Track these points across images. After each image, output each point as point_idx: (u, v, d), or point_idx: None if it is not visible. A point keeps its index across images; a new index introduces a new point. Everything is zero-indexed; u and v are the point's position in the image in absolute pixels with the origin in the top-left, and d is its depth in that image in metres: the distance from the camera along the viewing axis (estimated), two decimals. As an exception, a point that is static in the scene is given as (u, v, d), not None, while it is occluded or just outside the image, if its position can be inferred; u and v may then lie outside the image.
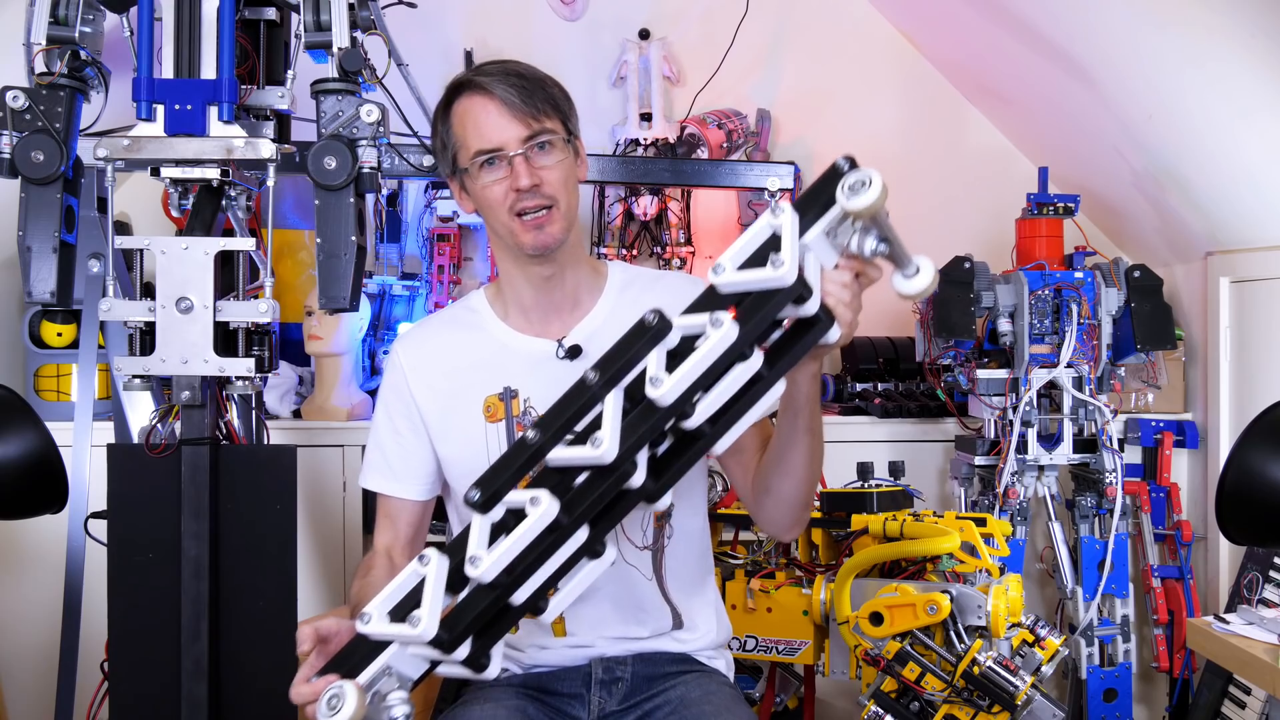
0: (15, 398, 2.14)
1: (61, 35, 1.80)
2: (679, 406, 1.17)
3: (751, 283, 1.18)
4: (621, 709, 1.59)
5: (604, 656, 1.60)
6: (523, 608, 1.20)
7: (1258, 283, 2.63)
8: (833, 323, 1.22)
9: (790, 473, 1.49)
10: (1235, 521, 1.92)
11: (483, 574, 1.15)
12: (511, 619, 1.21)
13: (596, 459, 1.16)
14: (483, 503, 1.19)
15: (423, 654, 1.21)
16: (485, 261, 3.08)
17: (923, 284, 1.22)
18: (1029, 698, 1.75)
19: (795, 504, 1.54)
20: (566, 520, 1.18)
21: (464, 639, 1.19)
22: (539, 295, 1.60)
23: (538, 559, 1.18)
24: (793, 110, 3.30)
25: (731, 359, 1.18)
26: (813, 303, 1.20)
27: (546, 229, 1.53)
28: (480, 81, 1.52)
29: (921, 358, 2.78)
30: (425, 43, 3.00)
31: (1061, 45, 2.66)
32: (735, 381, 1.19)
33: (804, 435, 1.45)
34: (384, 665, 1.21)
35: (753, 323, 1.18)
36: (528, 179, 1.50)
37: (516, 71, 1.54)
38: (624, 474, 1.18)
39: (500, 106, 1.50)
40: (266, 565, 1.84)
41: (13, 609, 2.77)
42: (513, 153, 1.51)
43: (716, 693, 1.58)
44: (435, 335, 1.66)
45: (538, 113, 1.51)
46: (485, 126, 1.51)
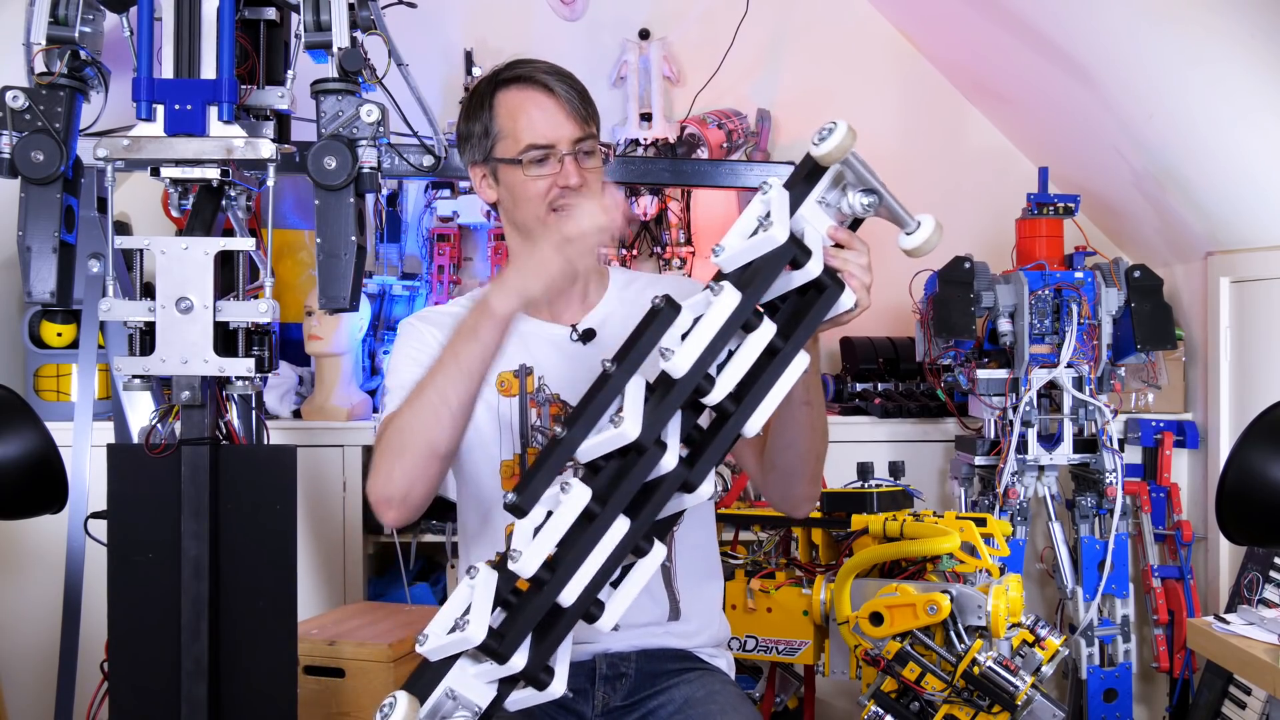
0: (15, 398, 2.14)
1: (61, 35, 1.80)
2: (694, 378, 1.17)
3: (747, 250, 1.21)
4: (625, 705, 1.60)
5: (608, 652, 1.60)
6: (575, 610, 1.17)
7: (1258, 283, 2.63)
8: (842, 288, 1.25)
9: (791, 445, 1.51)
10: (1235, 521, 1.92)
11: (523, 567, 1.14)
12: (565, 625, 1.18)
13: (621, 438, 1.16)
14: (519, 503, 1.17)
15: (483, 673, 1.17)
16: (485, 261, 3.09)
17: (923, 237, 1.24)
18: (1029, 698, 1.75)
19: (800, 477, 1.56)
20: (600, 509, 1.16)
21: (516, 644, 1.16)
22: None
23: (579, 551, 1.16)
24: (793, 110, 3.30)
25: (738, 325, 1.19)
26: (814, 264, 1.22)
27: None
28: (540, 78, 1.55)
29: (921, 358, 2.78)
30: (425, 43, 3.00)
31: (1061, 45, 2.66)
32: (750, 352, 1.20)
33: (801, 408, 1.47)
34: (446, 689, 1.17)
35: (753, 285, 1.20)
36: (577, 178, 1.54)
37: (566, 73, 1.58)
38: (653, 456, 1.18)
39: (560, 105, 1.54)
40: (266, 565, 1.84)
41: (13, 609, 2.77)
42: (565, 152, 1.54)
43: (721, 692, 1.58)
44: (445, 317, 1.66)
45: (588, 117, 1.57)
46: (541, 123, 1.54)
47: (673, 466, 1.19)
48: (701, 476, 1.20)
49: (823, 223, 1.25)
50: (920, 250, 1.26)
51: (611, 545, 1.17)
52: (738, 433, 1.21)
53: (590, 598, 1.17)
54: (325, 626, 2.28)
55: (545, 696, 1.19)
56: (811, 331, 1.25)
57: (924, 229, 1.25)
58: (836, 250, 1.26)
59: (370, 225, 2.93)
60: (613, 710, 1.60)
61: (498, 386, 1.59)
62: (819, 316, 1.25)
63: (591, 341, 1.62)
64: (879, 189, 1.24)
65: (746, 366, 1.20)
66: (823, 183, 1.25)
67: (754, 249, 1.21)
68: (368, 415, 2.85)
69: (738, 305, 1.19)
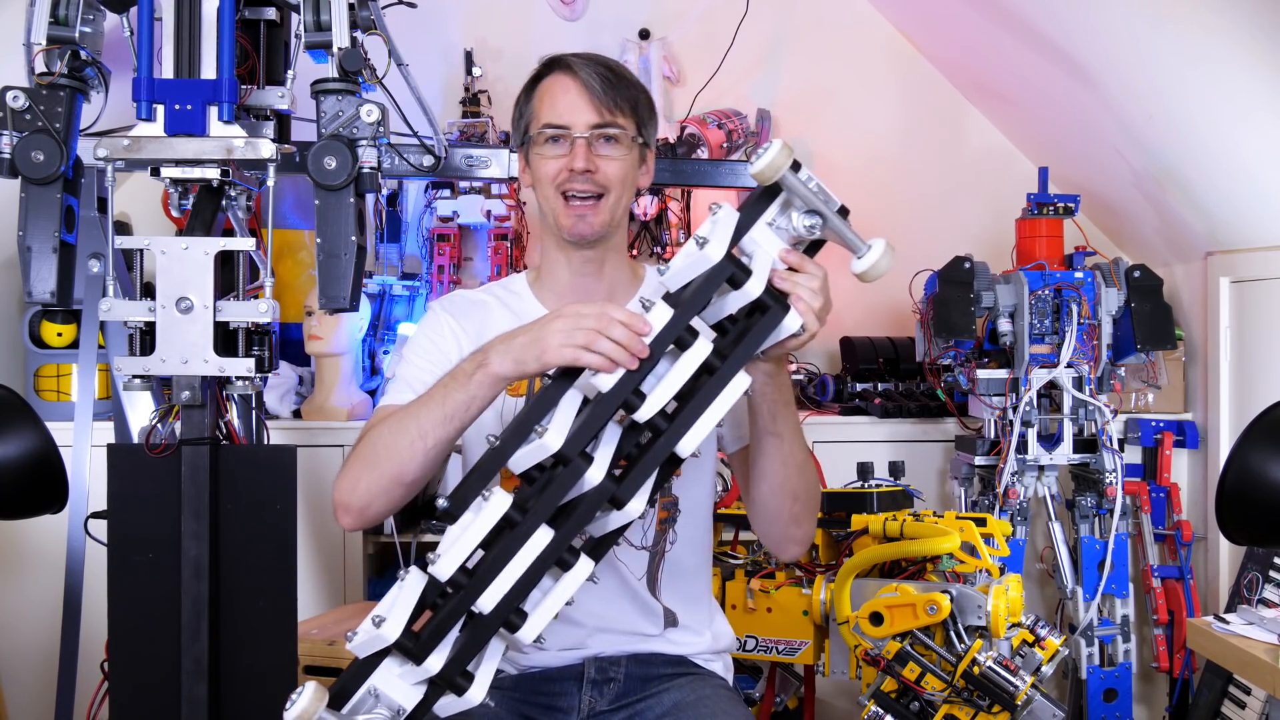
0: (15, 398, 2.14)
1: (61, 35, 1.80)
2: (620, 392, 1.19)
3: (687, 269, 1.22)
4: (611, 709, 1.59)
5: (598, 656, 1.59)
6: (493, 617, 1.18)
7: (1258, 283, 2.63)
8: (786, 310, 1.24)
9: (765, 478, 1.49)
10: (1235, 521, 1.92)
11: (439, 569, 1.16)
12: (483, 631, 1.19)
13: (543, 449, 1.18)
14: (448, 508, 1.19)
15: (406, 674, 1.19)
16: (485, 261, 3.08)
17: (871, 260, 1.23)
18: (1029, 698, 1.75)
19: (779, 516, 1.53)
20: (520, 516, 1.18)
21: (431, 645, 1.17)
22: (576, 281, 1.62)
23: (497, 558, 1.17)
24: (793, 110, 3.30)
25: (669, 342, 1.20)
26: (753, 284, 1.22)
27: (589, 219, 1.55)
28: (570, 62, 1.57)
29: (921, 358, 2.78)
30: (425, 43, 3.00)
31: (1061, 45, 2.66)
32: (683, 369, 1.20)
33: (769, 438, 1.45)
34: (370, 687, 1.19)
35: (686, 302, 1.21)
36: (584, 162, 1.53)
37: (609, 64, 1.58)
38: (576, 468, 1.19)
39: (580, 89, 1.55)
40: (266, 565, 1.84)
41: (13, 609, 2.77)
42: (578, 135, 1.54)
43: (711, 696, 1.57)
44: (474, 305, 1.67)
45: (614, 106, 1.55)
46: (560, 104, 1.55)
47: (598, 480, 1.19)
48: (629, 493, 1.20)
49: (774, 245, 1.25)
50: (869, 275, 1.24)
51: (532, 555, 1.18)
52: (670, 450, 1.21)
53: (509, 606, 1.18)
54: (325, 626, 2.28)
55: (463, 703, 1.21)
56: (751, 352, 1.24)
57: (873, 252, 1.23)
58: (788, 273, 1.25)
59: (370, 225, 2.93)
60: (598, 714, 1.58)
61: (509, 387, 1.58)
62: (759, 337, 1.24)
63: None
64: (821, 210, 1.23)
65: (678, 383, 1.20)
66: (773, 206, 1.25)
67: (693, 268, 1.22)
68: (368, 415, 2.83)
69: (668, 321, 1.19)
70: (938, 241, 2.80)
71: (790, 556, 1.62)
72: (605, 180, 1.55)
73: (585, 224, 1.55)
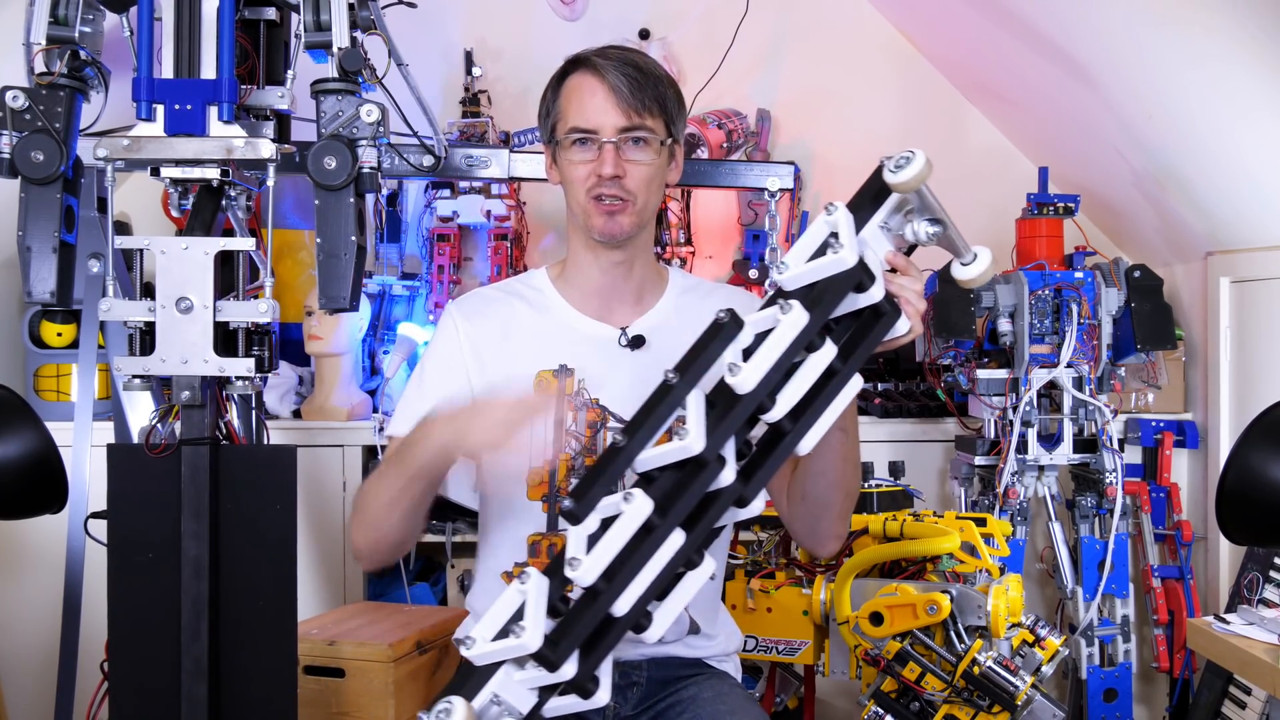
0: (15, 398, 2.14)
1: (61, 35, 1.80)
2: (759, 395, 1.17)
3: (815, 271, 1.21)
4: (636, 713, 1.60)
5: (619, 660, 1.58)
6: (626, 620, 1.16)
7: (1258, 283, 2.63)
8: (899, 313, 1.26)
9: (823, 473, 1.49)
10: (1235, 521, 1.92)
11: (582, 576, 1.12)
12: (615, 634, 1.17)
13: (684, 451, 1.15)
14: (575, 510, 1.15)
15: (529, 679, 1.16)
16: (485, 261, 3.08)
17: (979, 269, 1.26)
18: (1029, 698, 1.75)
19: (829, 510, 1.53)
20: (660, 520, 1.15)
21: (569, 652, 1.14)
22: (605, 281, 1.61)
23: (636, 563, 1.15)
24: (793, 110, 3.30)
25: (803, 345, 1.19)
26: (876, 289, 1.23)
27: (618, 218, 1.54)
28: (597, 62, 1.54)
29: (921, 358, 2.78)
30: (425, 43, 3.00)
31: (1061, 45, 2.66)
32: (812, 371, 1.20)
33: (836, 433, 1.43)
34: (492, 694, 1.16)
35: (820, 307, 1.20)
36: (612, 168, 1.52)
37: (635, 63, 1.55)
38: (713, 470, 1.17)
39: (608, 92, 1.52)
40: (266, 565, 1.84)
41: (13, 609, 2.77)
42: (605, 139, 1.52)
43: (729, 693, 1.58)
44: (493, 303, 1.66)
45: (642, 108, 1.53)
46: (588, 107, 1.53)
47: (730, 481, 1.18)
48: (755, 492, 1.20)
49: (882, 247, 1.27)
50: (975, 282, 1.27)
51: (667, 557, 1.16)
52: (792, 450, 1.20)
53: (642, 609, 1.16)
54: (325, 626, 2.28)
55: (589, 704, 1.17)
56: (869, 354, 1.26)
57: (980, 261, 1.26)
58: (893, 275, 1.27)
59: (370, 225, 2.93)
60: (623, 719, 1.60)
61: (535, 385, 1.56)
62: (877, 340, 1.26)
63: (641, 348, 1.58)
64: (945, 219, 1.25)
65: (807, 385, 1.20)
66: (886, 207, 1.27)
67: (820, 270, 1.21)
68: (368, 415, 2.85)
69: (805, 325, 1.19)
70: (938, 241, 2.80)
71: (829, 552, 1.61)
72: (634, 186, 1.54)
73: (615, 224, 1.54)
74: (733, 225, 3.24)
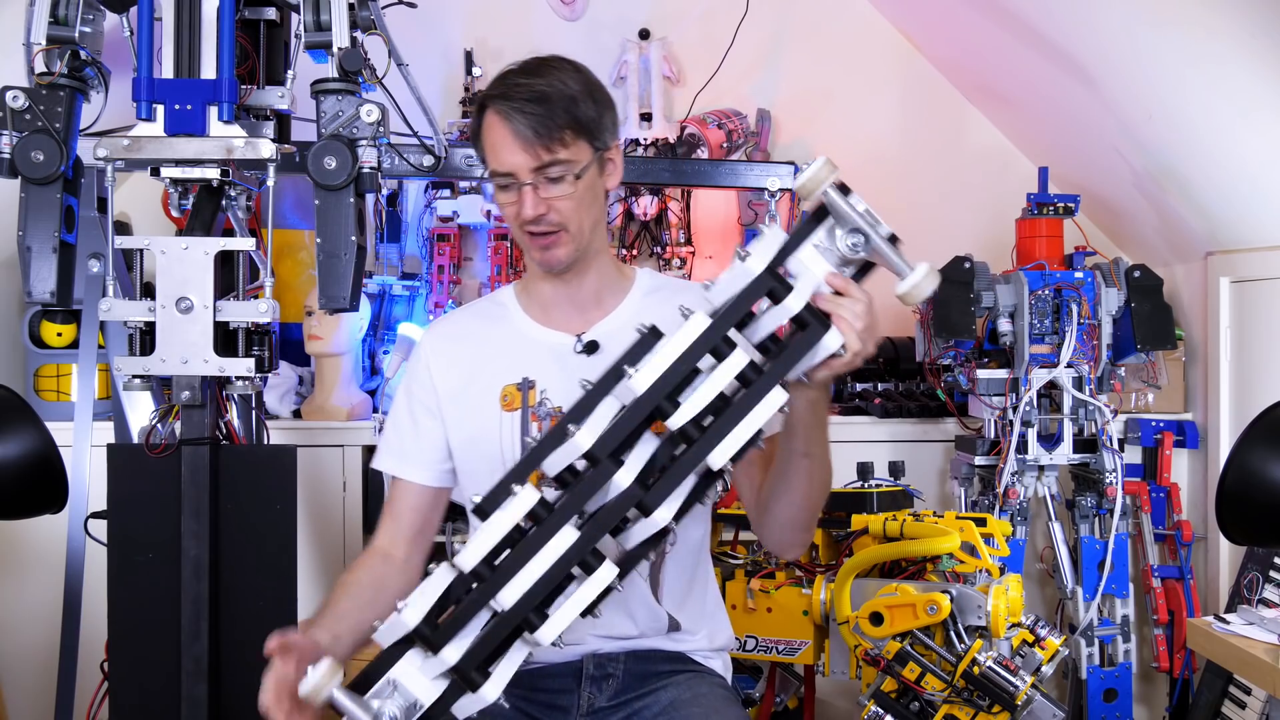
0: (15, 398, 2.14)
1: (61, 35, 1.80)
2: (653, 397, 1.20)
3: (730, 283, 1.24)
4: (610, 705, 1.59)
5: (597, 653, 1.59)
6: (512, 613, 1.19)
7: (1258, 283, 2.63)
8: (826, 328, 1.23)
9: (786, 494, 1.49)
10: (1235, 521, 1.92)
11: (462, 559, 1.18)
12: (500, 626, 1.20)
13: (575, 448, 1.20)
14: (481, 505, 1.22)
15: (426, 668, 1.20)
16: (485, 261, 3.08)
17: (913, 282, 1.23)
18: (1029, 698, 1.75)
19: (793, 526, 1.54)
20: (546, 513, 1.20)
21: (448, 635, 1.19)
22: (559, 293, 1.62)
23: (520, 554, 1.19)
24: (793, 110, 3.30)
25: (705, 350, 1.21)
26: (793, 300, 1.23)
27: (553, 250, 1.53)
28: (499, 106, 1.50)
29: (921, 358, 2.78)
30: (425, 43, 3.00)
31: (1061, 45, 2.66)
32: (717, 380, 1.21)
33: (800, 459, 1.44)
34: (390, 678, 1.21)
35: (724, 312, 1.22)
36: (531, 209, 1.50)
37: (540, 94, 1.49)
38: (605, 470, 1.20)
39: (514, 135, 1.48)
40: (266, 565, 1.84)
41: (13, 609, 2.77)
42: (523, 181, 1.50)
43: (708, 694, 1.57)
44: (462, 325, 1.68)
45: (552, 142, 1.48)
46: (501, 150, 1.50)
47: (626, 484, 1.21)
48: (658, 499, 1.21)
49: (821, 268, 1.26)
50: (911, 296, 1.23)
51: (556, 553, 1.19)
52: (700, 460, 1.20)
53: (529, 603, 1.20)
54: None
55: (479, 701, 1.22)
56: (789, 366, 1.24)
57: (915, 274, 1.23)
58: (832, 296, 1.25)
59: (370, 225, 2.93)
60: (598, 711, 1.59)
61: (501, 401, 1.57)
62: (798, 353, 1.24)
63: (595, 354, 1.58)
64: (863, 229, 1.24)
65: (712, 393, 1.21)
66: (820, 229, 1.26)
67: (735, 282, 1.23)
68: (367, 415, 2.85)
69: (705, 330, 1.20)
70: (938, 241, 2.80)
71: (793, 556, 1.65)
72: (560, 218, 1.52)
73: (553, 256, 1.54)
74: (733, 225, 3.24)
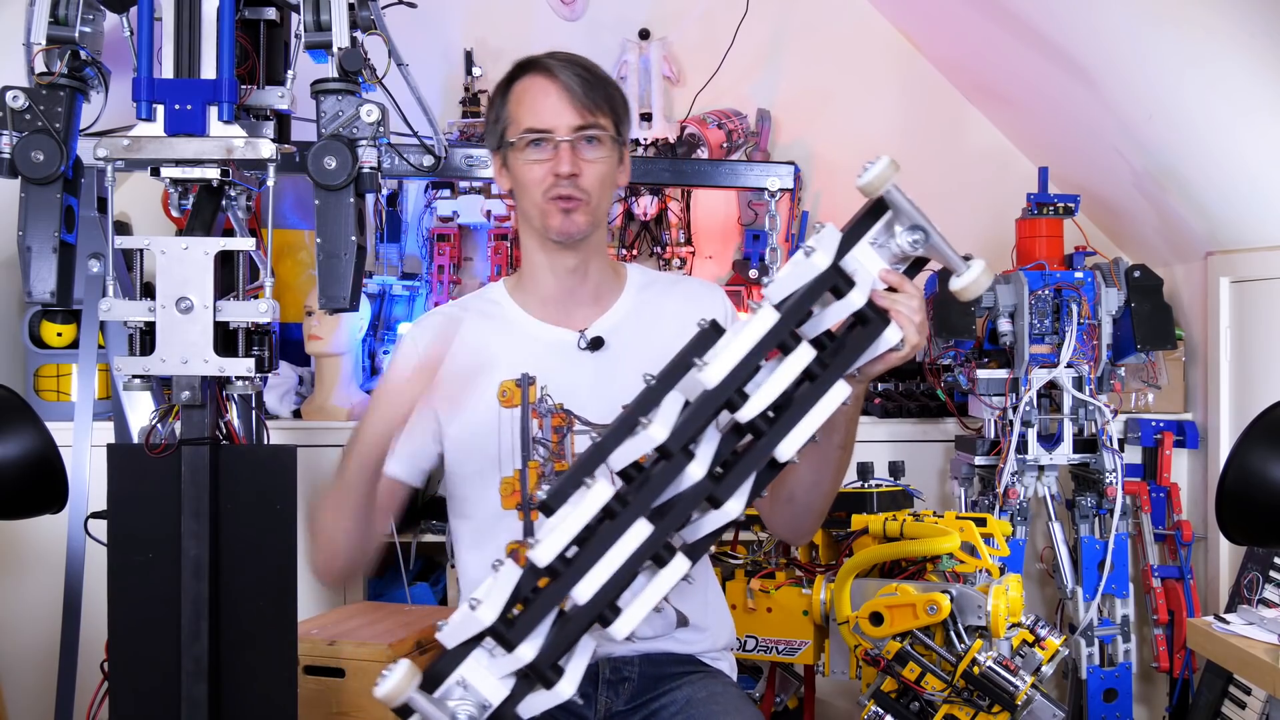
0: (15, 398, 2.14)
1: (61, 35, 1.80)
2: (725, 390, 1.19)
3: (791, 278, 1.24)
4: (628, 709, 1.60)
5: (611, 656, 1.60)
6: (589, 609, 1.18)
7: (1258, 283, 2.63)
8: (887, 323, 1.26)
9: (817, 485, 1.51)
10: (1235, 521, 1.92)
11: (539, 554, 1.16)
12: (578, 623, 1.19)
13: (648, 441, 1.18)
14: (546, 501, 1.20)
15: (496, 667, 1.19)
16: (485, 261, 3.09)
17: (971, 278, 1.27)
18: (1029, 698, 1.75)
19: (812, 513, 1.56)
20: (620, 508, 1.18)
21: (525, 632, 1.17)
22: (561, 285, 1.62)
23: (596, 547, 1.17)
24: (793, 110, 3.30)
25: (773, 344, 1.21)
26: (857, 294, 1.24)
27: (574, 216, 1.55)
28: (547, 64, 1.55)
29: (921, 358, 2.78)
30: (425, 43, 3.00)
31: (1061, 45, 2.66)
32: (786, 372, 1.21)
33: (836, 451, 1.47)
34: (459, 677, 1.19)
35: (790, 306, 1.22)
36: (569, 165, 1.53)
37: (583, 64, 1.57)
38: (679, 463, 1.20)
39: (561, 91, 1.53)
40: (266, 565, 1.84)
41: (13, 609, 2.77)
42: (561, 138, 1.53)
43: (722, 693, 1.58)
44: (452, 320, 1.67)
45: (595, 107, 1.54)
46: (541, 107, 1.54)
47: (699, 477, 1.20)
48: (729, 492, 1.21)
49: (875, 264, 1.28)
50: (968, 292, 1.27)
51: (630, 547, 1.18)
52: (769, 453, 1.21)
53: (605, 598, 1.18)
54: (325, 626, 2.28)
55: (554, 698, 1.20)
56: (852, 361, 1.26)
57: (971, 271, 1.27)
58: (887, 292, 1.27)
59: (370, 225, 2.93)
60: (615, 715, 1.60)
61: (499, 397, 1.57)
62: (860, 346, 1.26)
63: (600, 350, 1.59)
64: (924, 225, 1.26)
65: (781, 386, 1.21)
66: (877, 225, 1.28)
67: (797, 277, 1.23)
68: (368, 415, 2.84)
69: (774, 324, 1.21)
70: (938, 241, 2.80)
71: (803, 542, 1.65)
72: (589, 185, 1.55)
73: (572, 223, 1.55)
74: (733, 225, 3.24)
